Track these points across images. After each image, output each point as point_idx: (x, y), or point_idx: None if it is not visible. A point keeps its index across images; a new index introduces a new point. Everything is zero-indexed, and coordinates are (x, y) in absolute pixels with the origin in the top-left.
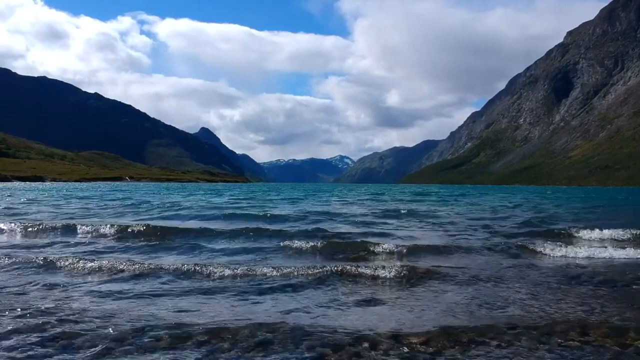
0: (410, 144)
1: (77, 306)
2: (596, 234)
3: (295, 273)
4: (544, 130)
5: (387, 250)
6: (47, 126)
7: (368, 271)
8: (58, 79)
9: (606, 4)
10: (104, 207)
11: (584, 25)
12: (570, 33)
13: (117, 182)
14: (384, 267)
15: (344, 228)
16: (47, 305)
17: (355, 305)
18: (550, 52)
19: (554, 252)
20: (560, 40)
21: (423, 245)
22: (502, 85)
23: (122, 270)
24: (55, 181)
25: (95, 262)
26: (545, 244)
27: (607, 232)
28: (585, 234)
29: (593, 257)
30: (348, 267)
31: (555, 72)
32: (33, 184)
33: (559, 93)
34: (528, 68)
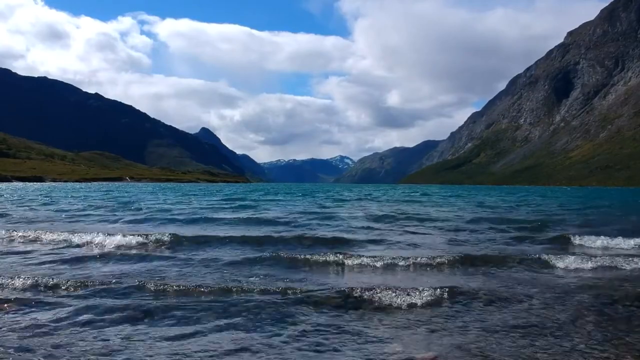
0: (411, 144)
1: None
2: (615, 241)
3: (278, 290)
4: (545, 130)
5: (385, 262)
6: (47, 126)
7: (368, 292)
8: (58, 79)
9: (606, 4)
10: (91, 207)
11: (585, 25)
12: (570, 33)
13: (118, 183)
14: (386, 289)
15: (342, 233)
16: None
17: (352, 341)
18: (550, 52)
19: (572, 265)
20: (561, 40)
21: (426, 256)
22: (502, 86)
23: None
24: (55, 181)
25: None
26: (562, 255)
27: (632, 241)
28: (598, 242)
29: (619, 268)
30: (347, 288)
31: (556, 73)
32: (32, 184)
33: (559, 93)
34: (528, 68)
